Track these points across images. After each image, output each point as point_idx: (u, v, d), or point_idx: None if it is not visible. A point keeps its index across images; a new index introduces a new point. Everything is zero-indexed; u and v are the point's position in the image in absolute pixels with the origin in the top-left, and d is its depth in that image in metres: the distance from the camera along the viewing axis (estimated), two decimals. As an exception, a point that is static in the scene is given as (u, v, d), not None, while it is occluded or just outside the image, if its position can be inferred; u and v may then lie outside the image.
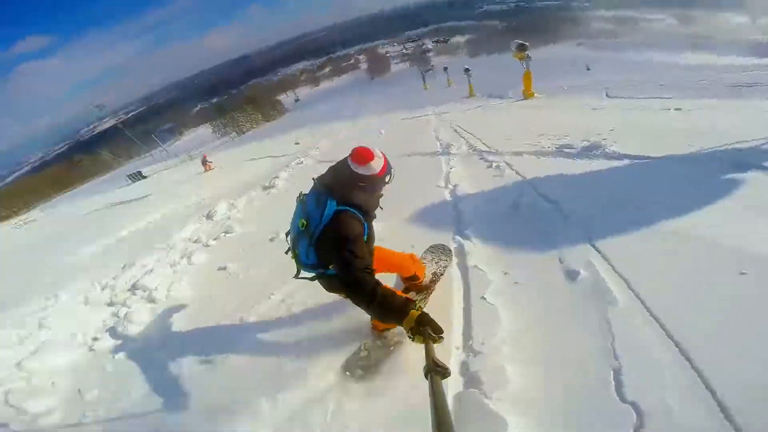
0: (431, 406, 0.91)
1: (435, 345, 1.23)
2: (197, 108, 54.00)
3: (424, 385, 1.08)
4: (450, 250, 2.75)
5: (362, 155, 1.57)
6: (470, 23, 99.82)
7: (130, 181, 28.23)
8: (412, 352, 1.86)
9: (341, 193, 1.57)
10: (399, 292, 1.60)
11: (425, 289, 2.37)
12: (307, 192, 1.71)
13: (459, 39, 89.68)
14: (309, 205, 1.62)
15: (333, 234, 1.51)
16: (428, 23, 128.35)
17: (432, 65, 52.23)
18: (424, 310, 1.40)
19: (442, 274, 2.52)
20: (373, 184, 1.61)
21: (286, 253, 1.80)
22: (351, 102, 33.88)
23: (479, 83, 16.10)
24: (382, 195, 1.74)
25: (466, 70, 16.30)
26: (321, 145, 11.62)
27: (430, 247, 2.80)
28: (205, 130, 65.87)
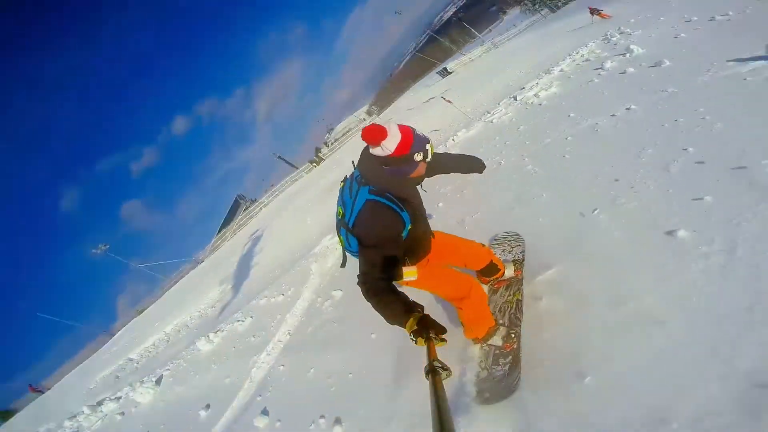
0: (431, 406, 0.92)
1: (438, 347, 1.24)
2: None
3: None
4: (518, 234, 2.61)
5: (371, 134, 1.43)
6: None
7: (439, 77, 34.65)
8: (527, 353, 1.84)
9: (373, 180, 1.49)
10: (453, 269, 1.82)
11: (512, 282, 2.23)
12: (348, 176, 1.64)
13: None
14: (345, 194, 1.57)
15: (362, 229, 1.46)
16: None
17: None
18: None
19: (522, 261, 2.37)
20: (401, 166, 1.48)
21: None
22: None
23: None
24: (421, 176, 1.59)
25: None
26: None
27: (494, 237, 2.71)
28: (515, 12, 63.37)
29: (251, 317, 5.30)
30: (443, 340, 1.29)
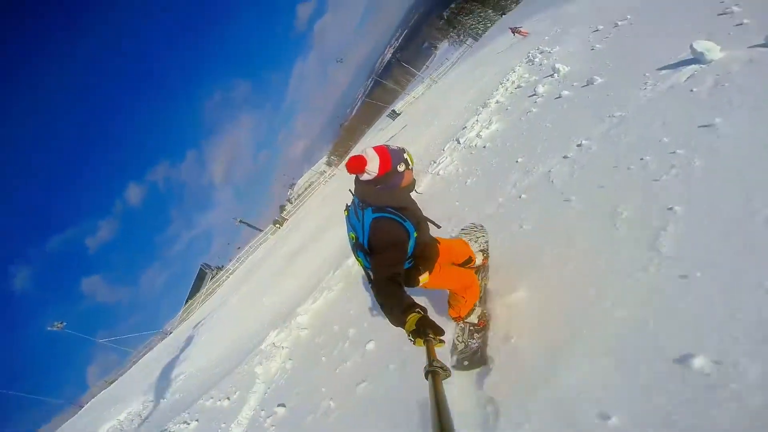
0: (431, 406, 0.92)
1: (436, 347, 1.25)
2: (441, 22, 57.19)
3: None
4: (482, 225, 2.97)
5: (354, 165, 1.62)
6: None
7: (390, 120, 36.80)
8: (500, 327, 2.13)
9: (372, 201, 1.64)
10: (460, 267, 2.04)
11: (481, 269, 2.53)
12: (349, 204, 1.80)
13: None
14: (352, 219, 1.74)
15: (376, 241, 1.60)
16: None
17: None
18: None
19: (487, 249, 2.73)
20: (388, 181, 1.65)
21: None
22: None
23: None
24: (411, 182, 1.77)
25: None
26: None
27: (462, 229, 3.08)
28: (444, 46, 69.79)
29: (197, 421, 5.02)
30: (441, 341, 1.30)
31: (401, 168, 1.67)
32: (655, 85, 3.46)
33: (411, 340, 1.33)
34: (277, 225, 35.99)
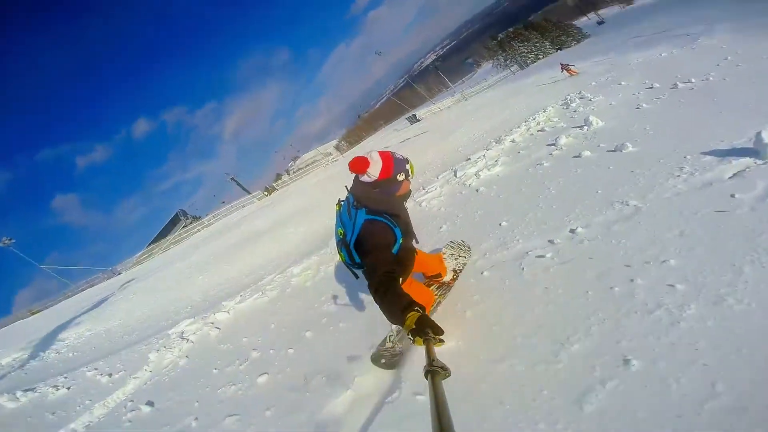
0: (431, 406, 0.91)
1: (436, 347, 1.25)
2: (494, 42, 56.29)
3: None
4: (469, 247, 2.98)
5: (357, 165, 1.65)
6: None
7: (408, 123, 36.92)
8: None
9: (366, 203, 1.68)
10: (425, 286, 2.03)
11: (445, 286, 2.58)
12: (343, 200, 1.84)
13: None
14: (344, 216, 1.76)
15: (364, 242, 1.64)
16: None
17: None
18: (439, 306, 1.54)
19: (460, 271, 2.73)
20: (386, 187, 1.69)
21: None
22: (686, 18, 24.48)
23: None
24: (407, 192, 1.81)
25: None
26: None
27: (451, 242, 3.05)
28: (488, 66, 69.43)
29: (68, 389, 4.61)
30: (441, 340, 1.30)
31: (401, 177, 1.71)
32: (692, 174, 2.71)
33: (410, 339, 1.35)
34: (266, 192, 35.38)
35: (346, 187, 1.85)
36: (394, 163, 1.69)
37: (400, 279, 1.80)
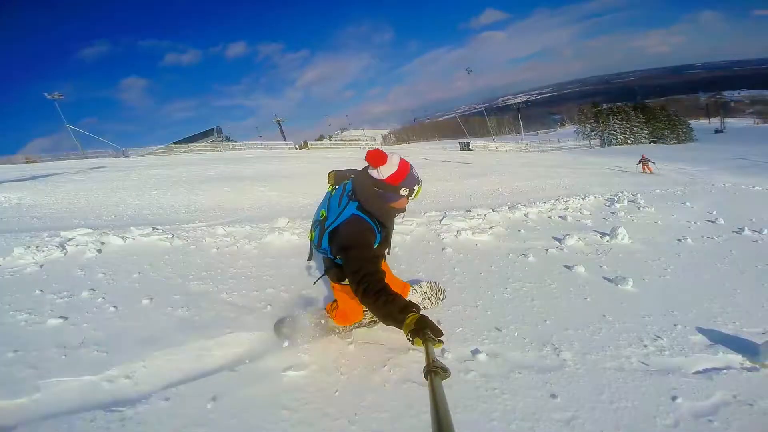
0: (431, 406, 0.90)
1: (435, 348, 1.24)
2: (593, 110, 53.66)
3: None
4: (444, 298, 2.56)
5: (374, 157, 1.58)
6: None
7: (458, 147, 36.84)
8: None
9: (361, 197, 1.62)
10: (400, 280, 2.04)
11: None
12: (339, 184, 1.78)
13: None
14: (333, 201, 1.70)
15: (344, 236, 1.58)
16: None
17: None
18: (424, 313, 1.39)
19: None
20: (387, 192, 1.62)
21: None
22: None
23: None
24: (402, 208, 1.73)
25: None
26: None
27: (434, 282, 2.64)
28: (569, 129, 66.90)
29: None
30: (440, 341, 1.28)
31: (403, 192, 1.64)
32: (660, 351, 2.11)
33: (409, 340, 1.32)
34: (298, 147, 35.27)
35: (350, 171, 1.83)
36: (406, 176, 1.63)
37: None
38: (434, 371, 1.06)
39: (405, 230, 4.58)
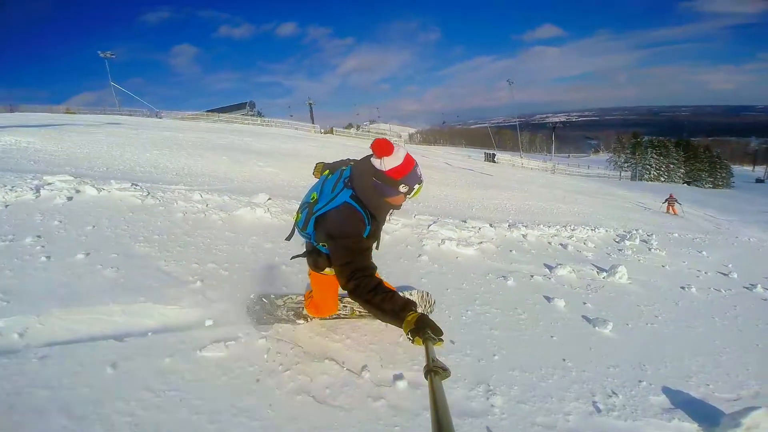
0: (431, 406, 0.89)
1: (435, 347, 1.21)
2: (632, 140, 51.39)
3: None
4: (432, 311, 2.42)
5: (379, 145, 1.47)
6: None
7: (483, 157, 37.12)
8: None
9: (357, 186, 1.54)
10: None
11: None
12: (335, 170, 1.70)
13: None
14: (327, 185, 1.62)
15: (332, 223, 1.51)
16: None
17: None
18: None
19: None
20: (386, 185, 1.51)
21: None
22: None
23: None
24: (396, 205, 1.63)
25: None
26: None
27: (426, 293, 2.54)
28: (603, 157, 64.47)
29: None
30: (441, 340, 1.27)
31: (402, 189, 1.52)
32: (610, 409, 1.85)
33: (410, 339, 1.30)
34: (324, 132, 35.73)
35: (349, 158, 1.76)
36: (408, 173, 1.50)
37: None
38: (434, 371, 1.03)
39: (388, 229, 4.35)
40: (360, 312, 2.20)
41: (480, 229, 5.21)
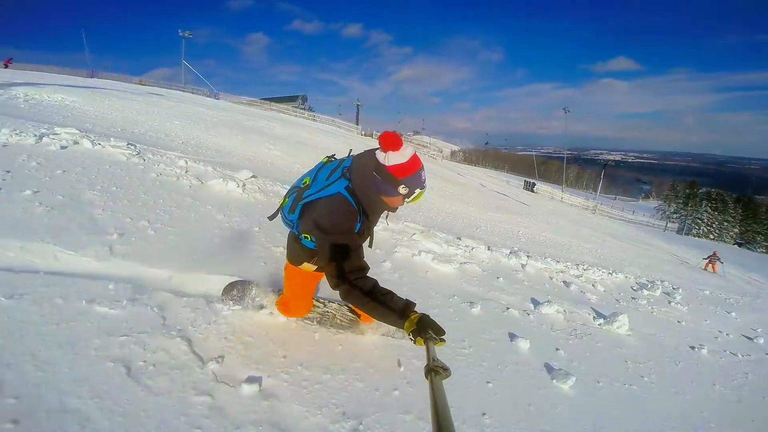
0: (431, 406, 0.89)
1: (437, 347, 1.19)
2: (686, 191, 47.47)
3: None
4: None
5: (387, 138, 1.39)
6: None
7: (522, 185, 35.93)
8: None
9: (355, 178, 1.46)
10: None
11: (355, 321, 2.20)
12: (336, 159, 1.65)
13: None
14: (323, 172, 1.55)
15: (322, 214, 1.44)
16: None
17: None
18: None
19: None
20: (385, 182, 1.41)
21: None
22: None
23: None
24: (393, 207, 1.53)
25: None
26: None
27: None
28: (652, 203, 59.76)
29: None
30: (442, 340, 1.24)
31: (402, 190, 1.42)
32: None
33: (411, 340, 1.27)
34: (363, 133, 36.54)
35: (351, 149, 1.72)
36: (411, 174, 1.40)
37: (315, 266, 1.69)
38: (434, 370, 1.01)
39: (378, 227, 4.15)
40: (341, 321, 2.05)
41: (473, 249, 4.84)
